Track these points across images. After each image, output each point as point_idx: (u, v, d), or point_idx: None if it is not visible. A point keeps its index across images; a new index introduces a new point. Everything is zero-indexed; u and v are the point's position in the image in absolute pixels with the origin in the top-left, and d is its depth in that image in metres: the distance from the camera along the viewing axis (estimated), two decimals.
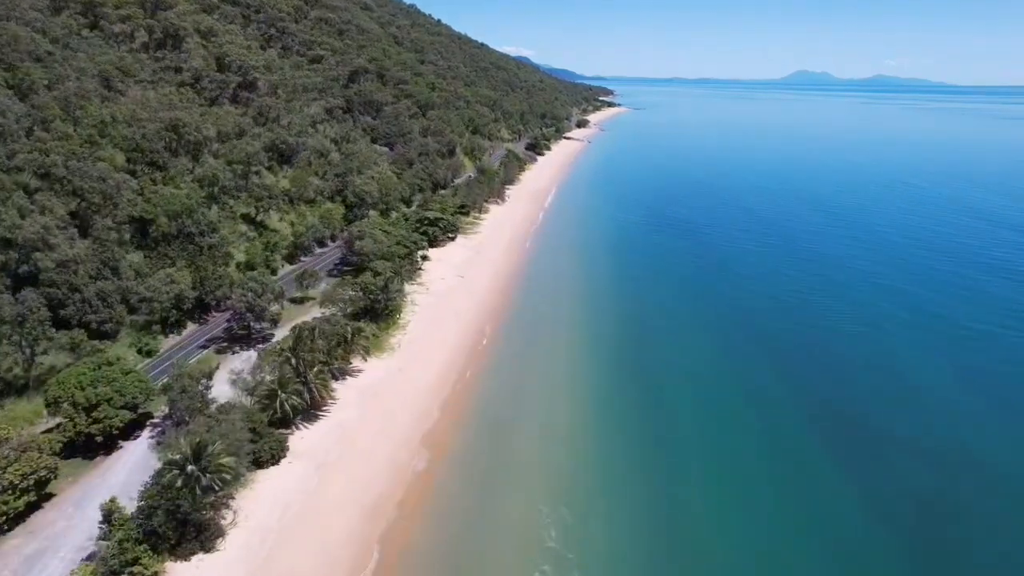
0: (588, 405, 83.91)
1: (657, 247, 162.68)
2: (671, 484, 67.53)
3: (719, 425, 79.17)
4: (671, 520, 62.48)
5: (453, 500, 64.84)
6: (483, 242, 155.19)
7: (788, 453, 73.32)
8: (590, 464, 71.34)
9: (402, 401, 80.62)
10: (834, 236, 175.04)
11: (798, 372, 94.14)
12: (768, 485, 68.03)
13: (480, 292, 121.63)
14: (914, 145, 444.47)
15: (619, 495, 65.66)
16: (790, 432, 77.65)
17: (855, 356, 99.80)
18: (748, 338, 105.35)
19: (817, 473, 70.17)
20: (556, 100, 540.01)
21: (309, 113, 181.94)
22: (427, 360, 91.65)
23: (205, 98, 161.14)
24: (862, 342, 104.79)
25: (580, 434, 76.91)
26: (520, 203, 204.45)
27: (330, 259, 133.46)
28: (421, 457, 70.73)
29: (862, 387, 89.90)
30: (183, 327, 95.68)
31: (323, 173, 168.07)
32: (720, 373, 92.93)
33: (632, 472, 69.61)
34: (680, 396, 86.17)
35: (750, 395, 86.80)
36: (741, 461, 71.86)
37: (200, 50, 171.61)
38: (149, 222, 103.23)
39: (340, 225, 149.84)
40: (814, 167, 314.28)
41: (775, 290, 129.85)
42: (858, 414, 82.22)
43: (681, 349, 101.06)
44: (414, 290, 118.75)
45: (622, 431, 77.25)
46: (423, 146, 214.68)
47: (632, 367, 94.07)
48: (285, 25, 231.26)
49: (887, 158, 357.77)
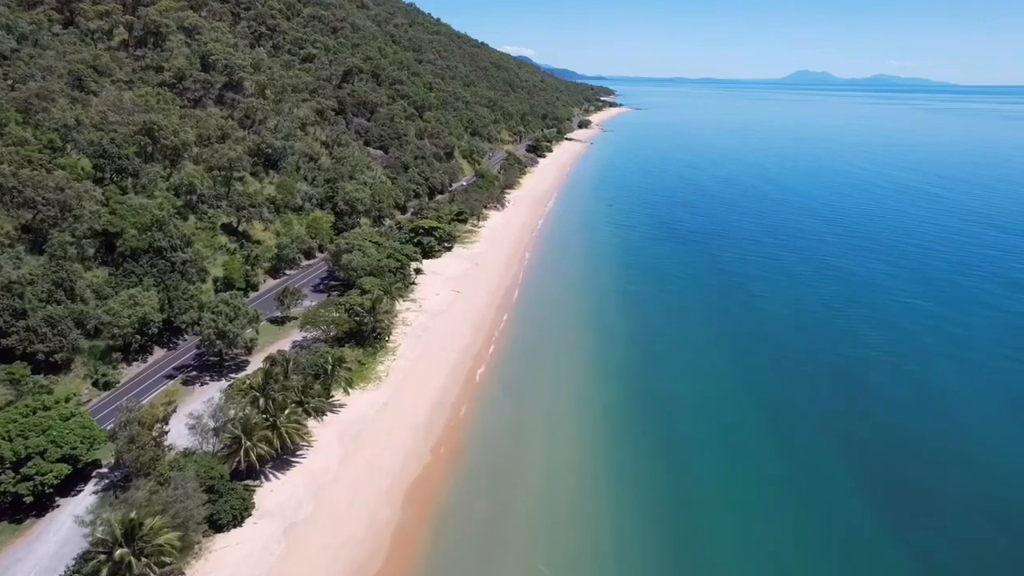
0: (596, 446, 74.89)
1: (665, 259, 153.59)
2: (691, 547, 58.62)
3: (743, 473, 70.16)
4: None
5: (442, 565, 55.93)
6: (481, 253, 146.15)
7: (828, 522, 63.73)
8: (599, 520, 62.39)
9: (388, 443, 71.64)
10: (855, 249, 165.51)
11: (831, 412, 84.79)
12: (802, 544, 59.15)
13: (478, 310, 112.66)
14: (927, 147, 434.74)
15: (631, 559, 56.75)
16: (829, 496, 67.65)
17: (893, 392, 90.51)
18: (770, 368, 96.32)
19: (860, 534, 61.20)
20: (557, 100, 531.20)
21: (299, 115, 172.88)
22: (417, 392, 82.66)
23: (188, 99, 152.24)
24: (899, 375, 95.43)
25: (588, 483, 67.92)
26: (521, 209, 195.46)
27: (317, 272, 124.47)
28: (408, 512, 61.79)
29: (903, 434, 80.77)
30: (149, 353, 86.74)
31: (312, 179, 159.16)
32: (740, 407, 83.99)
33: (645, 532, 60.67)
34: (698, 437, 77.13)
35: (776, 436, 77.81)
36: (768, 519, 62.88)
37: (183, 49, 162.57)
38: (116, 236, 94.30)
39: (329, 235, 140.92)
40: (830, 173, 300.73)
41: (796, 309, 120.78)
42: (902, 463, 73.18)
43: (696, 377, 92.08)
44: (406, 308, 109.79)
45: (634, 480, 68.24)
46: (419, 149, 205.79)
47: (643, 400, 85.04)
48: (276, 23, 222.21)
49: (906, 162, 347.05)
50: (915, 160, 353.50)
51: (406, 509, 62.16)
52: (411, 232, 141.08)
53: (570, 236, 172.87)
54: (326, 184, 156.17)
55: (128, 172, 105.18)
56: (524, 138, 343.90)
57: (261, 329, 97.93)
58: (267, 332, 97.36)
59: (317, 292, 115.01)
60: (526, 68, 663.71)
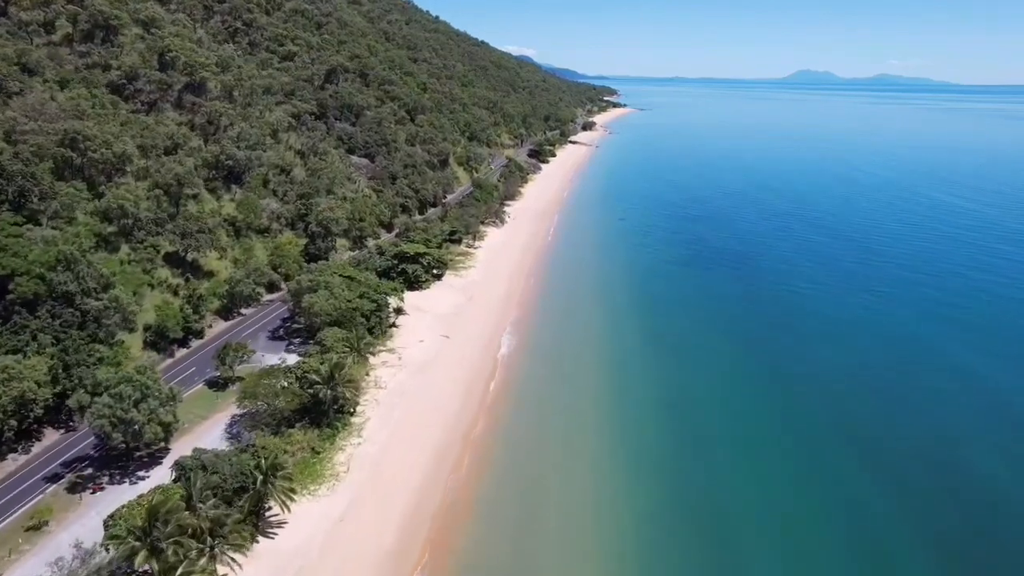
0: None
1: (689, 286, 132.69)
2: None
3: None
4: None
5: None
6: (477, 282, 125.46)
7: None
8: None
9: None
10: (905, 282, 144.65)
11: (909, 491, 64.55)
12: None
13: (470, 362, 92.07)
14: (955, 152, 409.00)
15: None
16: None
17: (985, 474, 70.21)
18: (830, 435, 75.96)
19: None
20: (560, 101, 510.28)
21: (271, 120, 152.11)
22: (385, 497, 62.07)
23: (141, 103, 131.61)
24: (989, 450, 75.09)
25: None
26: (522, 225, 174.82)
27: (279, 312, 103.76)
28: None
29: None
30: (35, 439, 66.35)
31: (283, 194, 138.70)
32: (800, 496, 63.56)
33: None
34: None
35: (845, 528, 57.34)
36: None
37: (138, 44, 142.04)
38: (6, 280, 73.91)
39: (299, 261, 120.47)
40: (866, 183, 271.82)
41: (852, 354, 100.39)
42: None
43: (741, 463, 71.39)
44: (381, 362, 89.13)
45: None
46: (409, 157, 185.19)
47: (684, 509, 64.22)
48: (253, 17, 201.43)
49: (941, 169, 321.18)
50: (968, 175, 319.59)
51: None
52: (394, 258, 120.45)
53: (579, 259, 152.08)
54: (299, 200, 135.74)
55: (34, 195, 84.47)
56: (526, 142, 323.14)
57: (197, 396, 77.70)
58: (202, 401, 76.88)
59: (275, 340, 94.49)
60: (527, 67, 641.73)
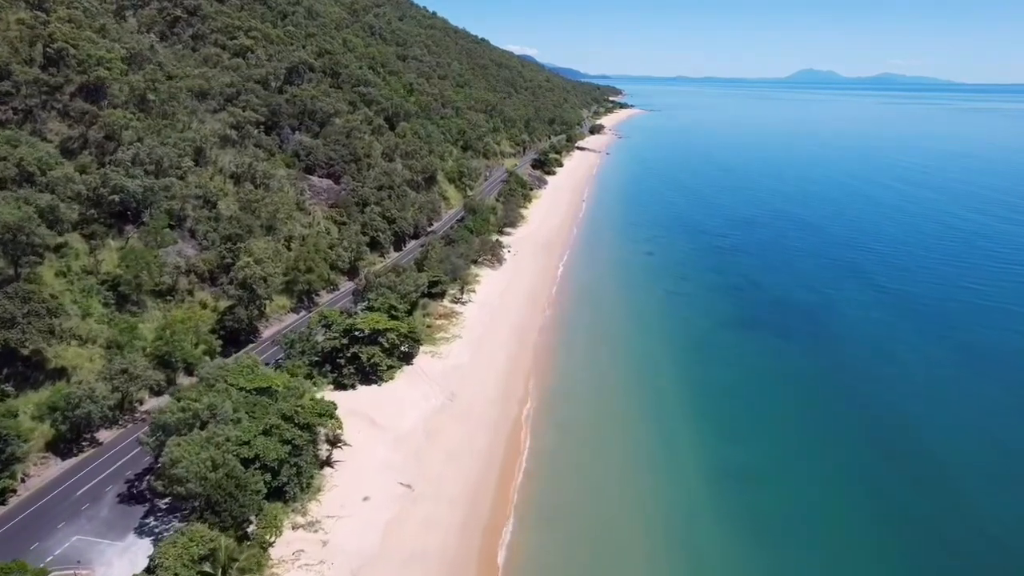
0: None
1: (755, 364, 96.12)
2: None
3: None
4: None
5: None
6: (462, 366, 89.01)
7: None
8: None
9: None
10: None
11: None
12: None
13: (444, 547, 55.72)
14: (979, 159, 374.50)
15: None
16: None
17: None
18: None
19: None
20: (565, 102, 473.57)
21: (197, 134, 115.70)
22: None
23: (13, 110, 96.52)
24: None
25: None
26: (525, 263, 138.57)
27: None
28: None
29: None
30: None
31: (204, 235, 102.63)
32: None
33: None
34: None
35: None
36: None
37: (11, 32, 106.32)
38: None
39: (207, 341, 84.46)
40: (936, 196, 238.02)
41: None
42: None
43: None
44: (292, 554, 52.86)
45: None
46: (386, 176, 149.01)
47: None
48: (198, 4, 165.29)
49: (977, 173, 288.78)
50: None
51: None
52: (343, 336, 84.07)
53: (602, 317, 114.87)
54: (223, 244, 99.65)
55: None
56: (529, 149, 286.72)
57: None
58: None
59: (129, 502, 58.30)
60: (529, 67, 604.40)
